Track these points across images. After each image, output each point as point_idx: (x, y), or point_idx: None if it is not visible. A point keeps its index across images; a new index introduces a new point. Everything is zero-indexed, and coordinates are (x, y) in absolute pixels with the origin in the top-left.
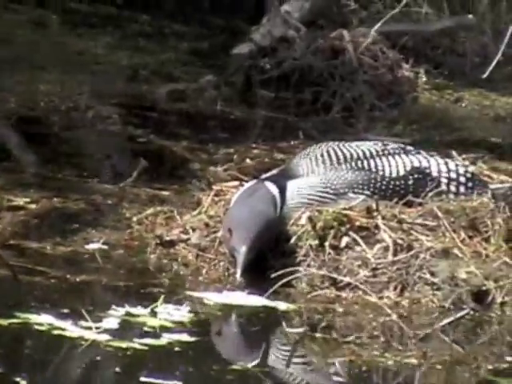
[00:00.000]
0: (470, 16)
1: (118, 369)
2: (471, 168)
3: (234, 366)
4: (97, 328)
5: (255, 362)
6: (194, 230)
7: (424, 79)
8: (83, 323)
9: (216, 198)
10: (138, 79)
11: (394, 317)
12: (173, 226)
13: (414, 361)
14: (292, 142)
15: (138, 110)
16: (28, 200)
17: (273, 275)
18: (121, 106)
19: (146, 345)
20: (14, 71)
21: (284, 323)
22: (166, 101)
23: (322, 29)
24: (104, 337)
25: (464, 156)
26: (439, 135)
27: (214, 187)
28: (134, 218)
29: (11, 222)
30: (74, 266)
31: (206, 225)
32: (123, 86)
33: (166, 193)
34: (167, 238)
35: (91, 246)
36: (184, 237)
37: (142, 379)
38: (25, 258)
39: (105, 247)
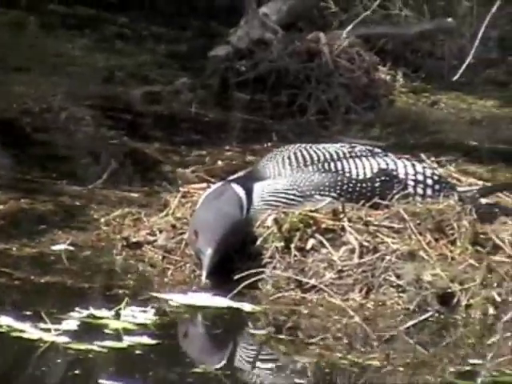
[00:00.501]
0: (450, 19)
1: (76, 371)
2: (439, 171)
3: (196, 369)
4: (56, 330)
5: (218, 365)
6: (160, 231)
7: (401, 82)
8: (43, 325)
9: (183, 200)
10: (114, 81)
11: (357, 319)
12: (140, 228)
13: (376, 363)
14: (265, 145)
15: (112, 111)
16: None
17: (236, 277)
18: (95, 108)
19: (105, 347)
20: None
21: (248, 325)
22: (140, 103)
23: (300, 31)
24: (63, 339)
25: (434, 159)
26: (414, 138)
27: (181, 189)
28: (102, 220)
29: None
30: (39, 268)
31: (173, 226)
32: (98, 88)
33: (135, 195)
34: (134, 240)
35: (57, 247)
36: (151, 238)
37: (101, 381)
38: None
39: (71, 248)
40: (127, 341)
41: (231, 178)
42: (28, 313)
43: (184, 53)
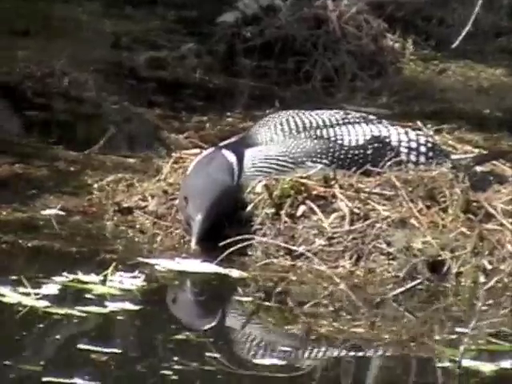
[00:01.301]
0: None
1: (56, 336)
2: (433, 138)
3: (179, 336)
4: (36, 294)
5: (201, 332)
6: (152, 197)
7: (411, 50)
8: (23, 289)
9: (175, 166)
10: (120, 46)
11: (343, 286)
12: (132, 194)
13: (361, 330)
14: (267, 111)
15: (116, 77)
16: None
17: (222, 243)
18: (98, 73)
19: (86, 312)
20: None
21: (235, 291)
22: (145, 68)
23: None
24: (43, 303)
25: (430, 126)
26: (419, 106)
27: (174, 154)
28: (95, 185)
29: None
30: (27, 232)
31: (165, 192)
32: (103, 53)
33: (131, 160)
34: (125, 205)
35: (48, 212)
36: (142, 204)
37: (80, 346)
38: None
39: (62, 213)
40: (110, 306)
41: (223, 143)
42: (13, 277)
43: (193, 18)
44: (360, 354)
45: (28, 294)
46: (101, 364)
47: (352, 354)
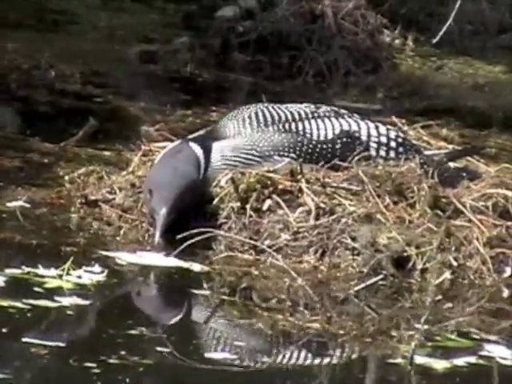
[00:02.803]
0: None
1: (3, 329)
2: (406, 133)
3: (130, 331)
4: None
5: (153, 327)
6: (121, 190)
7: (411, 46)
8: None
9: (144, 158)
10: (113, 40)
11: (300, 281)
12: (102, 186)
13: (317, 325)
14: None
15: (103, 70)
16: None
17: (180, 236)
18: (86, 66)
19: (35, 306)
20: None
21: (195, 285)
22: (135, 61)
23: None
24: None
25: (405, 121)
26: (410, 102)
27: (143, 147)
28: (66, 178)
29: None
30: None
31: (132, 185)
32: (94, 46)
33: (107, 153)
34: (92, 198)
35: (13, 204)
36: (109, 197)
37: (25, 340)
38: None
39: (27, 205)
40: (62, 300)
41: (190, 136)
42: None
43: (192, 12)
44: (312, 350)
45: None
46: (38, 357)
47: (304, 349)
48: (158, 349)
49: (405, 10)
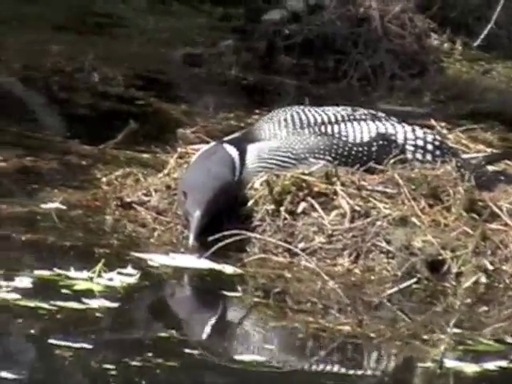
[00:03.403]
0: None
1: (28, 330)
2: (445, 136)
3: (160, 334)
4: (7, 287)
5: (181, 330)
6: (156, 192)
7: (460, 50)
8: None
9: (180, 161)
10: (158, 43)
11: (331, 284)
12: (137, 188)
13: (347, 328)
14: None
15: (147, 72)
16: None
17: (211, 238)
18: (129, 69)
19: (62, 307)
20: (31, 31)
21: (226, 287)
22: (180, 64)
23: None
24: (16, 296)
25: (444, 125)
26: (456, 106)
27: (179, 149)
28: (103, 180)
29: None
30: (24, 225)
31: (168, 187)
32: (139, 49)
33: (145, 155)
34: (128, 200)
35: (49, 206)
36: (145, 199)
37: (51, 341)
38: None
39: (62, 207)
40: (90, 303)
41: (226, 138)
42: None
43: (239, 16)
44: (341, 353)
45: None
46: (61, 359)
47: (333, 352)
48: (186, 351)
49: (454, 14)
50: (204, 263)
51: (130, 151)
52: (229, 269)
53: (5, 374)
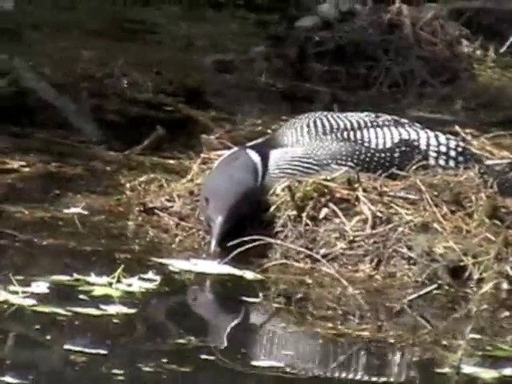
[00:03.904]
0: None
1: (43, 335)
2: (465, 143)
3: (177, 340)
4: (24, 292)
5: (199, 336)
6: (179, 197)
7: (492, 57)
8: (12, 287)
9: (204, 166)
10: (190, 49)
11: (351, 290)
12: (160, 194)
13: (366, 334)
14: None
15: (177, 78)
16: (24, 164)
17: (230, 243)
18: (159, 75)
19: (79, 313)
20: (64, 37)
21: (246, 293)
22: (210, 70)
23: (393, 3)
24: (33, 302)
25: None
26: (486, 113)
27: (202, 155)
28: (127, 185)
29: None
30: (46, 230)
31: (191, 193)
32: (170, 55)
33: (171, 161)
34: (151, 205)
35: (71, 211)
36: (168, 204)
37: (67, 347)
38: None
39: (85, 212)
40: (107, 309)
41: (249, 144)
42: (18, 276)
43: (273, 22)
44: (359, 358)
45: (16, 293)
46: (73, 364)
47: (351, 358)
48: (202, 357)
49: (487, 21)
50: (225, 269)
51: (156, 157)
52: (249, 274)
53: (16, 380)
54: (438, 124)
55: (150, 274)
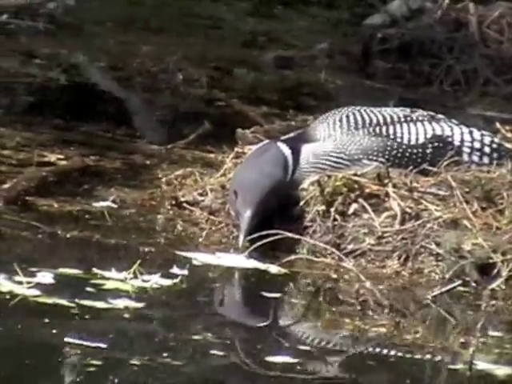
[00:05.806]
0: None
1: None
2: (500, 139)
3: (191, 336)
4: (28, 283)
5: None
6: (212, 191)
7: None
8: (17, 278)
9: (237, 161)
10: (253, 45)
11: (368, 285)
12: (195, 188)
13: (383, 330)
14: None
15: (234, 74)
16: (61, 157)
17: (249, 237)
18: (216, 70)
19: (87, 306)
20: (125, 32)
21: (268, 287)
22: (270, 67)
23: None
24: (41, 294)
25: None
26: None
27: (235, 149)
28: (163, 179)
29: (28, 178)
30: (72, 223)
31: (223, 187)
32: (230, 51)
33: (213, 155)
34: (183, 199)
35: (100, 204)
36: (200, 198)
37: (67, 339)
38: (27, 213)
39: (115, 206)
40: (117, 303)
41: (280, 138)
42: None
43: (343, 20)
44: (373, 355)
45: (20, 283)
46: (68, 356)
47: (365, 354)
48: (211, 352)
49: None
50: (249, 263)
51: (198, 151)
52: (274, 269)
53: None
54: (495, 122)
55: (174, 268)
